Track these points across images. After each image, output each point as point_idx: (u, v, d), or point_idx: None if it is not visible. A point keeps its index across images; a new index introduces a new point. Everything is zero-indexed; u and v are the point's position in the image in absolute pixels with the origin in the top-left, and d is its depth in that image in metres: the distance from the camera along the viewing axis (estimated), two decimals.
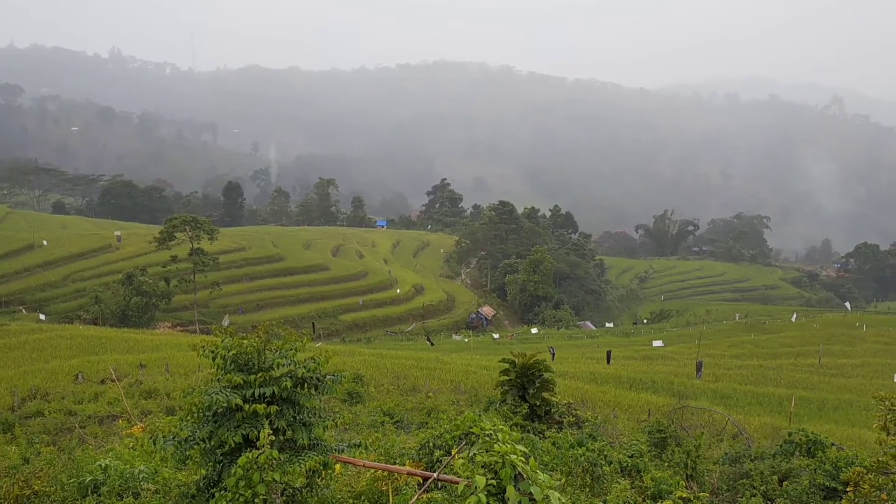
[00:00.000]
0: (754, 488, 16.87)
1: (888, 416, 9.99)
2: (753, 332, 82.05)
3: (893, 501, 9.28)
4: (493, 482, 6.34)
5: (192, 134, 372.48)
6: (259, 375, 8.39)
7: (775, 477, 17.48)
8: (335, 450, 8.80)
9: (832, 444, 20.03)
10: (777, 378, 49.17)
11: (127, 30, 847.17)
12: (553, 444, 17.44)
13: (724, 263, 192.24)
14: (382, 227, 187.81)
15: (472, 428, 7.14)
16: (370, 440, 13.63)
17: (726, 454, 21.62)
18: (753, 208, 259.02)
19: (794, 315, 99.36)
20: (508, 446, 6.55)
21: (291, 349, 8.90)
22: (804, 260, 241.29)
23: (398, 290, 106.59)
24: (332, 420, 9.13)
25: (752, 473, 17.77)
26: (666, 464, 18.15)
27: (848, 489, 9.91)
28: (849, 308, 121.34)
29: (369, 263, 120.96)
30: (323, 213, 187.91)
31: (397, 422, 25.96)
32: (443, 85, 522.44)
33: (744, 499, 15.34)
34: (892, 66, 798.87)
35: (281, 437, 8.44)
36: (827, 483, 15.48)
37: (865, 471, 9.79)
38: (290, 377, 8.47)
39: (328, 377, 8.86)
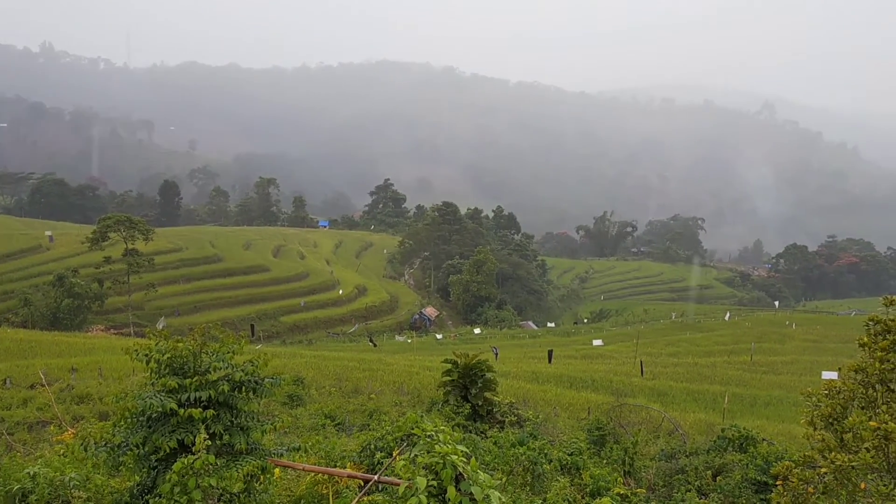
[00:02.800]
0: (689, 483, 17.31)
1: (815, 412, 10.34)
2: (689, 331, 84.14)
3: (819, 494, 9.62)
4: (434, 483, 6.34)
5: (126, 131, 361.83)
6: (195, 379, 8.20)
7: (709, 472, 17.97)
8: (274, 454, 8.68)
9: (763, 440, 20.71)
10: (711, 375, 50.56)
11: (59, 24, 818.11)
12: (495, 443, 17.56)
13: (661, 264, 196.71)
14: (324, 227, 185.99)
15: (413, 429, 7.12)
16: (310, 443, 13.49)
17: (662, 450, 22.11)
18: (689, 210, 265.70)
19: (728, 314, 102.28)
20: (449, 447, 6.56)
21: (229, 352, 8.73)
22: (737, 260, 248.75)
23: (340, 292, 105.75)
24: (272, 424, 8.99)
25: (686, 469, 18.23)
26: (604, 461, 18.47)
27: (777, 483, 10.22)
28: (777, 307, 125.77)
29: (311, 264, 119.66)
30: (263, 213, 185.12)
31: (339, 424, 25.76)
32: (386, 85, 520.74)
33: (679, 494, 15.71)
34: (818, 73, 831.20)
35: (218, 442, 8.27)
36: (758, 477, 15.98)
37: (794, 465, 10.11)
38: (228, 381, 8.31)
39: (267, 380, 8.72)
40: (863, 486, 9.01)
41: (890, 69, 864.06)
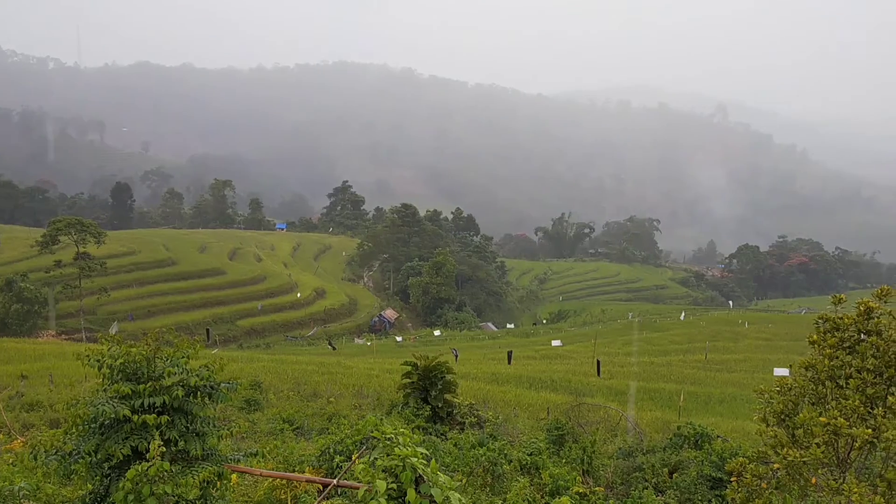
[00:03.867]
0: (646, 481, 17.53)
1: (767, 409, 10.54)
2: (645, 331, 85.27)
3: (773, 489, 9.81)
4: (394, 486, 6.31)
5: (77, 132, 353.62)
6: (149, 385, 8.04)
7: (665, 469, 18.21)
8: (231, 459, 8.55)
9: (718, 437, 21.07)
10: (667, 374, 51.33)
11: (6, 22, 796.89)
12: (454, 445, 17.55)
13: (618, 265, 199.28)
14: (282, 229, 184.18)
15: (373, 432, 7.09)
16: (268, 448, 13.33)
17: (620, 449, 22.33)
18: (645, 211, 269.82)
19: (683, 314, 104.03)
20: (409, 449, 6.54)
21: (184, 357, 8.58)
22: (691, 261, 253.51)
23: (299, 294, 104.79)
24: (228, 429, 8.85)
25: (644, 467, 18.44)
26: (564, 460, 18.59)
27: (732, 479, 10.39)
28: (731, 306, 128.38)
29: (268, 267, 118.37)
30: (219, 216, 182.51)
31: (297, 428, 25.47)
32: (344, 86, 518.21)
33: (636, 491, 15.88)
34: (768, 77, 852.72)
35: (173, 449, 8.12)
36: (713, 474, 16.24)
37: (747, 461, 10.27)
38: (182, 386, 8.15)
39: (223, 385, 8.58)
40: (814, 480, 9.21)
41: (837, 75, 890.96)
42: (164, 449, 7.48)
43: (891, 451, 8.76)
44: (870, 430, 8.87)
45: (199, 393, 8.40)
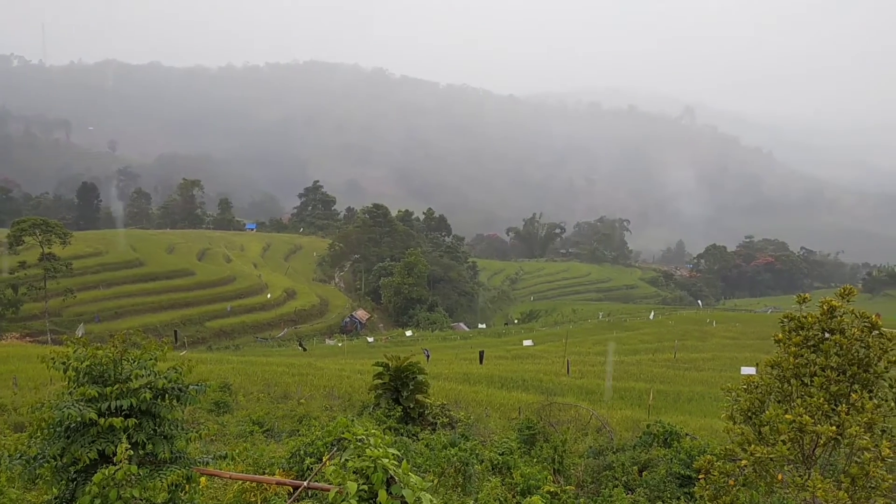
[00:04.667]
0: (616, 479, 17.69)
1: (734, 407, 10.70)
2: (615, 330, 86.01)
3: (740, 486, 9.95)
4: (365, 487, 6.29)
5: (42, 131, 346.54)
6: (115, 387, 7.92)
7: (635, 467, 18.40)
8: (200, 462, 8.45)
9: (686, 435, 21.33)
10: (637, 373, 51.81)
11: None
12: (426, 445, 17.55)
13: (589, 265, 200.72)
14: (252, 230, 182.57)
15: (344, 433, 7.05)
16: (238, 451, 13.15)
17: (591, 447, 22.51)
18: (615, 212, 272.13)
19: (652, 313, 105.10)
20: (380, 450, 6.52)
21: (151, 359, 8.47)
22: (660, 261, 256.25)
23: (269, 295, 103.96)
24: (197, 432, 8.76)
25: (614, 465, 18.61)
26: (535, 459, 18.68)
27: (700, 476, 10.51)
28: (700, 305, 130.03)
29: (237, 268, 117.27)
30: (187, 216, 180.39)
31: (267, 431, 25.27)
32: (315, 85, 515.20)
33: (606, 490, 16.01)
34: (734, 80, 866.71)
35: (140, 452, 8.01)
36: (682, 471, 16.44)
37: (715, 458, 10.41)
38: (150, 388, 8.05)
39: (191, 387, 8.49)
40: (780, 477, 9.36)
41: (800, 78, 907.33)
42: (132, 452, 7.39)
43: (854, 447, 8.94)
44: (834, 427, 9.05)
45: (167, 395, 8.31)
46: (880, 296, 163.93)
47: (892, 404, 9.93)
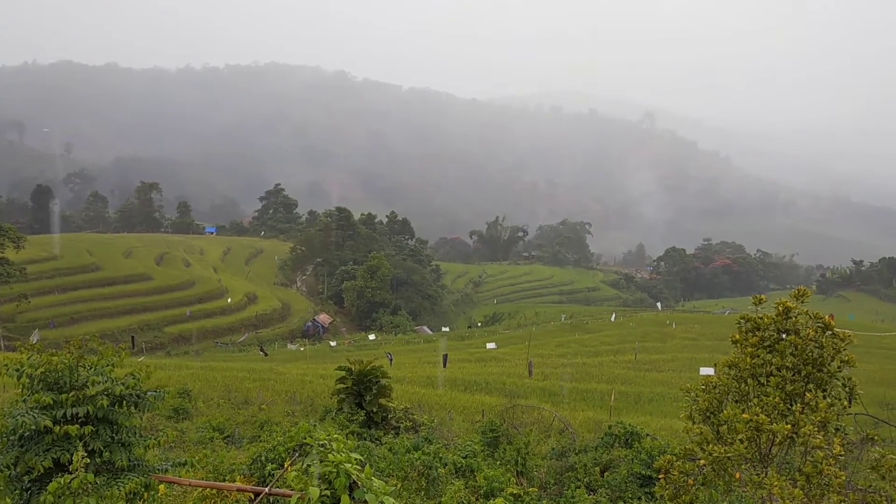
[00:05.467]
0: (578, 480, 17.83)
1: (693, 407, 10.85)
2: (577, 332, 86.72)
3: (699, 486, 10.09)
4: (328, 493, 6.24)
5: None
6: (71, 394, 7.75)
7: (597, 468, 18.57)
8: (158, 470, 8.31)
9: (647, 435, 21.57)
10: (599, 374, 52.32)
11: None
12: (389, 449, 17.49)
13: (551, 267, 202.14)
14: (212, 233, 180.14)
15: (306, 438, 7.00)
16: (197, 457, 12.98)
17: (553, 449, 22.64)
18: (577, 215, 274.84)
19: (613, 315, 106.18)
20: (343, 455, 6.48)
21: (108, 365, 8.30)
22: (622, 263, 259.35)
23: (229, 300, 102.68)
24: (156, 439, 8.61)
25: (576, 466, 18.76)
26: (498, 462, 18.74)
27: (660, 476, 10.63)
28: (659, 307, 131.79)
29: (197, 272, 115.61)
30: (145, 220, 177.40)
31: (228, 437, 24.95)
32: (276, 88, 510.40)
33: (569, 491, 16.12)
34: (692, 86, 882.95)
35: (97, 460, 7.85)
36: (643, 471, 16.64)
37: (675, 458, 10.53)
38: (107, 395, 7.90)
39: (150, 393, 8.35)
40: (738, 475, 9.52)
41: (755, 84, 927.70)
42: (89, 460, 7.24)
43: (808, 445, 9.12)
44: (789, 426, 9.23)
45: (124, 402, 8.16)
46: (833, 297, 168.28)
47: (845, 403, 10.18)
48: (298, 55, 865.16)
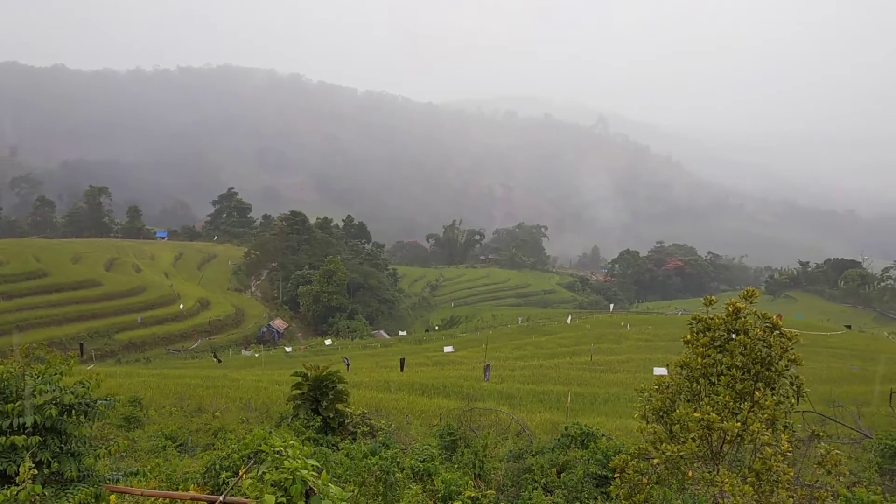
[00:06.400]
0: (535, 482, 17.95)
1: (647, 407, 11.04)
2: (534, 335, 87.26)
3: (653, 484, 10.26)
4: (284, 500, 6.19)
5: None
6: (17, 404, 7.56)
7: (554, 469, 18.71)
8: (109, 480, 8.14)
9: (603, 435, 21.84)
10: (555, 376, 52.71)
11: None
12: (346, 455, 17.36)
13: (508, 270, 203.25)
14: (163, 238, 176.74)
15: (261, 445, 6.92)
16: (150, 467, 12.71)
17: (511, 451, 22.75)
18: (533, 218, 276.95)
19: (569, 317, 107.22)
20: (299, 462, 6.43)
21: (56, 373, 8.12)
22: (577, 266, 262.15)
23: (181, 306, 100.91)
24: (106, 448, 8.44)
25: (533, 468, 18.87)
26: (456, 465, 18.75)
27: (615, 475, 10.77)
28: (611, 309, 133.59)
29: (148, 278, 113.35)
30: (94, 225, 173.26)
31: (181, 445, 24.51)
32: (229, 90, 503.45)
33: (526, 493, 16.22)
34: (643, 93, 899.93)
35: (45, 471, 7.67)
36: (598, 471, 16.82)
37: (630, 458, 10.70)
38: (55, 404, 7.72)
39: (100, 402, 8.18)
40: (690, 474, 9.71)
41: (704, 88, 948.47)
42: (36, 471, 7.06)
43: (758, 443, 9.35)
44: (739, 424, 9.45)
45: (73, 411, 8.00)
46: (781, 297, 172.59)
47: (793, 401, 10.45)
48: (252, 58, 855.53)
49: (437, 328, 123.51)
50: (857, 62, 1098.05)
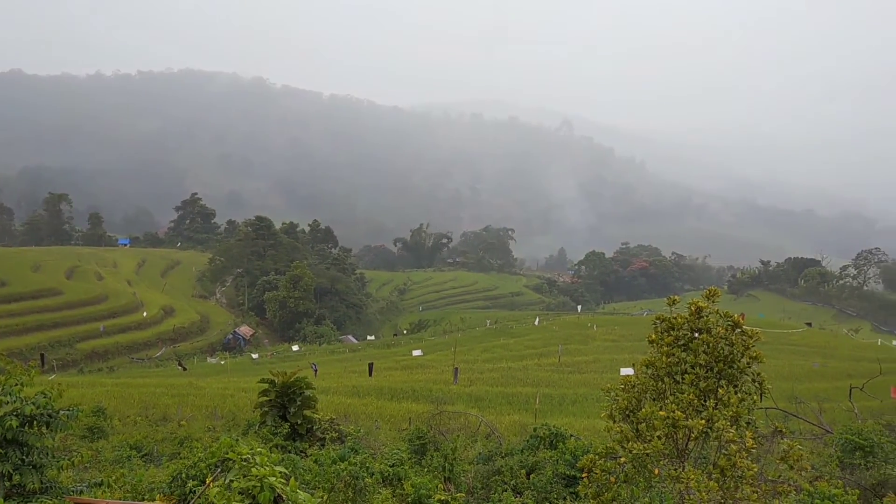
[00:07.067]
0: (505, 483, 18.03)
1: (613, 406, 11.16)
2: (503, 337, 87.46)
3: (621, 483, 10.37)
4: None
5: None
6: None
7: (523, 471, 18.80)
8: (73, 491, 8.01)
9: (571, 436, 22.02)
10: (524, 378, 52.93)
11: None
12: (315, 461, 17.28)
13: (476, 273, 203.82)
14: (125, 245, 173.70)
15: (228, 453, 6.87)
16: (114, 477, 12.55)
17: (480, 454, 22.82)
18: (500, 221, 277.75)
19: (537, 319, 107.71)
20: (267, 469, 6.40)
21: (17, 384, 7.96)
22: (544, 267, 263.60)
23: (144, 314, 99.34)
24: (69, 459, 8.29)
25: (503, 470, 18.95)
26: (426, 469, 18.76)
27: (583, 475, 10.86)
28: (578, 310, 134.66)
29: (110, 285, 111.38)
30: (54, 232, 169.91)
31: (146, 455, 24.13)
32: (191, 95, 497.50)
33: (496, 495, 16.29)
34: (607, 95, 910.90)
35: (7, 483, 7.51)
36: (567, 471, 16.96)
37: (597, 457, 10.80)
38: (16, 415, 7.57)
39: (62, 412, 8.04)
40: (657, 471, 9.84)
41: (667, 92, 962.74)
42: None
43: (722, 440, 9.51)
44: (703, 421, 9.60)
45: (35, 422, 7.85)
46: (744, 296, 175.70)
47: (756, 398, 10.65)
48: (213, 61, 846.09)
49: (405, 332, 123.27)
50: (813, 65, 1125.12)
